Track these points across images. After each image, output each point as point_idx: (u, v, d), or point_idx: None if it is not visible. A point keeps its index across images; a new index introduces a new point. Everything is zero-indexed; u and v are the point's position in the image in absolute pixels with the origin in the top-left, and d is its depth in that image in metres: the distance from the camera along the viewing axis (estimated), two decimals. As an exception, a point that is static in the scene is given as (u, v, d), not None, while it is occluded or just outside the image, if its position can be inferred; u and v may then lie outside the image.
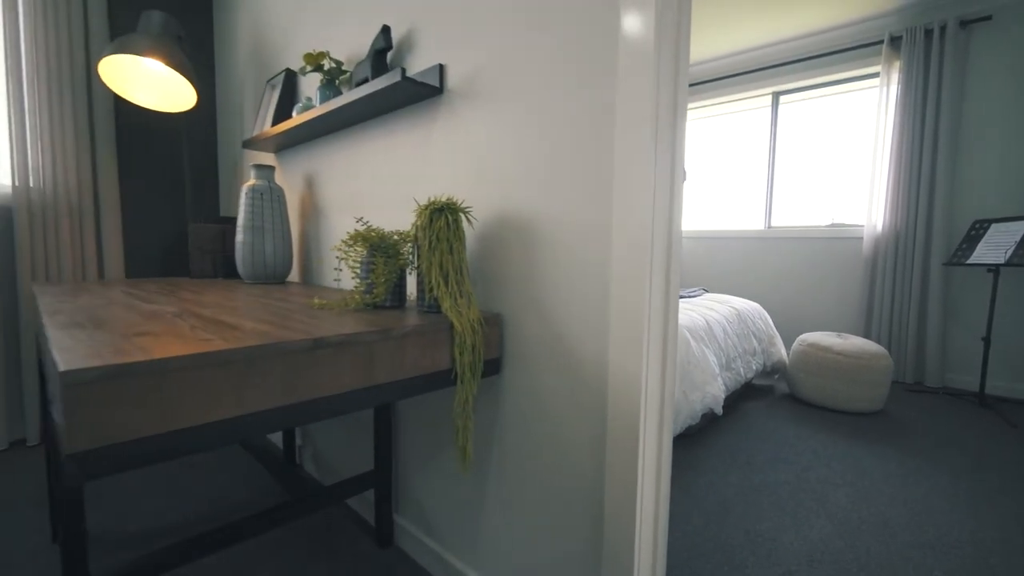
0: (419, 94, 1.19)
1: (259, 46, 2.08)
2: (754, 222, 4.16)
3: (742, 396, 2.92)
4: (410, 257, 1.08)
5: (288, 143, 1.80)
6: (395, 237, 1.08)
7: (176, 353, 0.62)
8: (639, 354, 0.82)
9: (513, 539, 1.09)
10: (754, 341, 2.82)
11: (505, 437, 1.09)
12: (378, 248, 1.04)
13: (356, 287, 1.12)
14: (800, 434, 2.34)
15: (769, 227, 4.06)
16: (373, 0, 1.40)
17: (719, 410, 2.16)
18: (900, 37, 3.28)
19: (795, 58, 3.74)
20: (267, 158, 2.02)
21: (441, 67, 1.16)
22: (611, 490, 0.88)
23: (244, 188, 1.64)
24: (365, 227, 1.07)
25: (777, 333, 3.10)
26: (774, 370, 3.02)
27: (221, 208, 2.59)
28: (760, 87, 3.98)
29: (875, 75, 3.52)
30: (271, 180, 1.69)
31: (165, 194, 2.43)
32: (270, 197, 1.68)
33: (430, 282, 0.99)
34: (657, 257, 0.81)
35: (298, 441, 1.91)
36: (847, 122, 3.70)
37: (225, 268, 1.89)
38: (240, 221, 1.66)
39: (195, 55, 2.48)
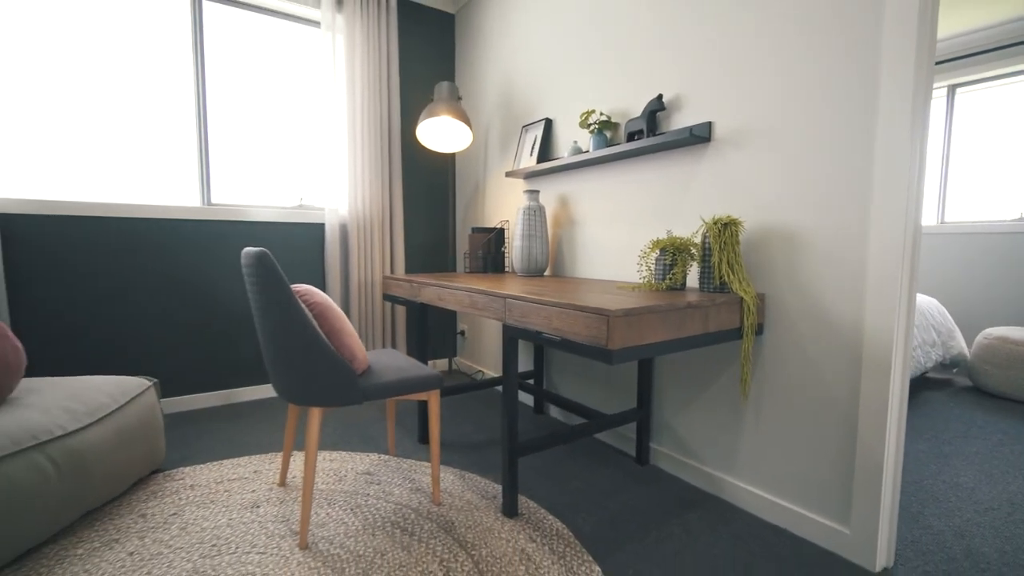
0: (689, 142, 1.71)
1: (508, 99, 2.77)
2: (925, 217, 4.10)
3: (921, 386, 3.05)
4: (694, 254, 1.61)
5: (541, 172, 2.44)
6: (682, 240, 1.61)
7: (629, 306, 1.19)
8: (892, 318, 1.25)
9: (768, 453, 1.57)
10: (933, 333, 2.94)
11: (764, 378, 1.57)
12: (677, 249, 1.58)
13: (647, 276, 1.68)
14: (988, 419, 2.48)
15: (942, 222, 3.99)
16: (630, 72, 1.96)
17: (904, 390, 2.41)
18: (1110, 20, 3.12)
19: (976, 50, 3.68)
20: (519, 184, 2.70)
21: (710, 123, 1.67)
22: (864, 415, 1.32)
23: (522, 207, 2.30)
24: (668, 236, 1.61)
25: (957, 328, 3.16)
26: (953, 363, 3.09)
27: (458, 218, 3.37)
28: (935, 81, 3.93)
29: (1076, 61, 3.36)
30: (537, 200, 2.33)
31: (427, 209, 3.26)
32: (538, 213, 2.32)
33: (720, 272, 1.50)
34: (907, 251, 1.24)
35: (546, 384, 2.55)
36: (1040, 111, 3.55)
37: (493, 265, 2.59)
38: (518, 231, 2.32)
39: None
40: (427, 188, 3.26)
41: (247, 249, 1.41)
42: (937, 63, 3.87)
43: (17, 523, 1.27)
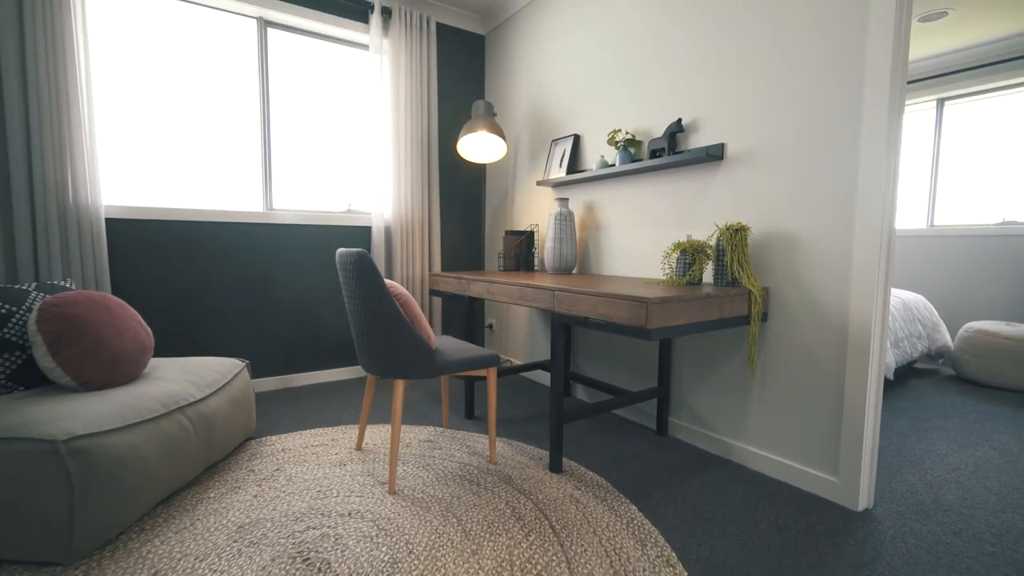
0: (705, 160, 2.02)
1: (537, 115, 3.08)
2: (916, 221, 4.42)
3: (908, 375, 3.37)
4: (710, 254, 1.92)
5: (570, 182, 2.75)
6: (699, 243, 1.92)
7: (662, 295, 1.51)
8: (871, 306, 1.56)
9: (770, 420, 1.88)
10: (919, 326, 3.26)
11: (767, 357, 1.88)
12: (696, 250, 1.90)
13: (669, 273, 2.00)
14: (965, 402, 2.80)
15: (931, 225, 4.30)
16: (652, 97, 2.28)
17: (890, 375, 2.73)
18: (1081, 43, 3.43)
19: (963, 67, 3.99)
20: (547, 191, 3.01)
21: (723, 144, 1.98)
22: (849, 385, 1.64)
23: (553, 213, 2.61)
24: (688, 239, 1.93)
25: (942, 322, 3.47)
26: (938, 355, 3.40)
27: (487, 222, 3.69)
28: (923, 95, 4.25)
29: (1053, 78, 3.67)
30: (567, 207, 2.65)
31: (461, 214, 3.58)
32: (568, 218, 2.64)
33: (732, 269, 1.82)
34: (883, 251, 1.56)
35: (572, 367, 2.87)
36: (1018, 122, 3.86)
37: (525, 264, 2.90)
38: (550, 234, 2.64)
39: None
40: (461, 195, 3.58)
41: (343, 250, 1.73)
42: (926, 78, 4.18)
43: (171, 468, 1.59)
